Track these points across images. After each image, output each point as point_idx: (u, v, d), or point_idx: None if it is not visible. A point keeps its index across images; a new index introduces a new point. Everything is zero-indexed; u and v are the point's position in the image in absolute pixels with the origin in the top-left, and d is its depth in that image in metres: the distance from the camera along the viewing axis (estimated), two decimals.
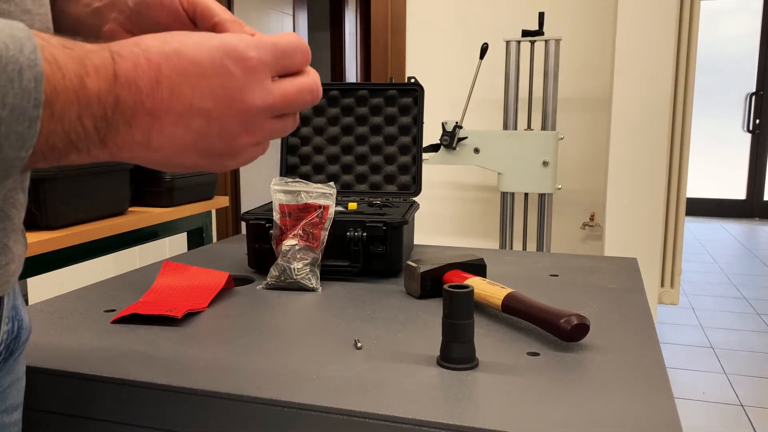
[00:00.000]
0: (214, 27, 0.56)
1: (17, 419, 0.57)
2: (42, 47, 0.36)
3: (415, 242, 2.12)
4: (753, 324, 3.32)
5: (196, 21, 0.57)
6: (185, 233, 2.20)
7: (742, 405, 2.41)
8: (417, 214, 2.97)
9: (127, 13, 0.58)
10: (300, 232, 0.99)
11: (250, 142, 0.46)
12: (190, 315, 0.86)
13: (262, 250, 1.06)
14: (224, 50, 0.43)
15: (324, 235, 0.99)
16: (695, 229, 5.84)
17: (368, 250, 1.05)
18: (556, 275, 1.07)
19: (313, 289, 0.98)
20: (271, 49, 0.45)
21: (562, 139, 2.44)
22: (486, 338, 0.77)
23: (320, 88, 0.48)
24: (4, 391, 0.54)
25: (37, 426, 0.68)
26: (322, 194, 1.00)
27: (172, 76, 0.41)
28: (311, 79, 0.48)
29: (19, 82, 0.34)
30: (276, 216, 1.00)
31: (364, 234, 1.03)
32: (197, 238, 2.18)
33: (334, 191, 1.00)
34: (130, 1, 0.57)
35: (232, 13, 3.42)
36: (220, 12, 0.56)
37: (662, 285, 2.69)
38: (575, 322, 0.72)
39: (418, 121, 1.27)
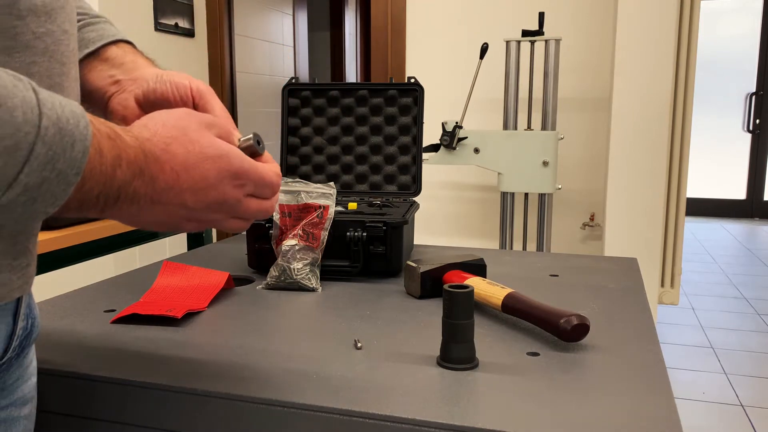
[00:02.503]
0: None
1: (28, 414, 0.58)
2: (93, 134, 0.43)
3: (415, 242, 2.12)
4: (753, 324, 3.32)
5: (197, 108, 0.67)
6: (185, 233, 2.20)
7: (742, 405, 2.41)
8: (417, 214, 2.97)
9: (145, 88, 0.67)
10: (300, 232, 0.99)
11: (213, 226, 0.57)
12: (190, 315, 0.86)
13: (262, 250, 1.06)
14: (232, 173, 0.54)
15: (324, 235, 0.99)
16: (695, 229, 5.84)
17: (368, 250, 1.05)
18: (556, 275, 1.07)
19: (313, 289, 0.98)
20: (258, 179, 0.56)
21: (562, 139, 2.45)
22: (486, 338, 0.77)
23: (272, 211, 0.60)
24: (14, 384, 0.56)
25: (37, 426, 0.68)
26: (322, 194, 1.00)
27: (183, 185, 0.51)
28: (270, 204, 0.59)
29: (71, 152, 0.41)
30: (276, 216, 1.00)
31: (364, 234, 1.03)
32: (197, 238, 2.18)
33: (334, 191, 1.00)
34: (150, 81, 0.67)
35: (232, 12, 3.42)
36: (218, 111, 0.67)
37: (662, 285, 2.69)
38: (575, 322, 0.72)
39: (418, 121, 1.27)
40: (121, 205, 0.48)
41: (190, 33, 3.13)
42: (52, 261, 1.54)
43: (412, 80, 1.27)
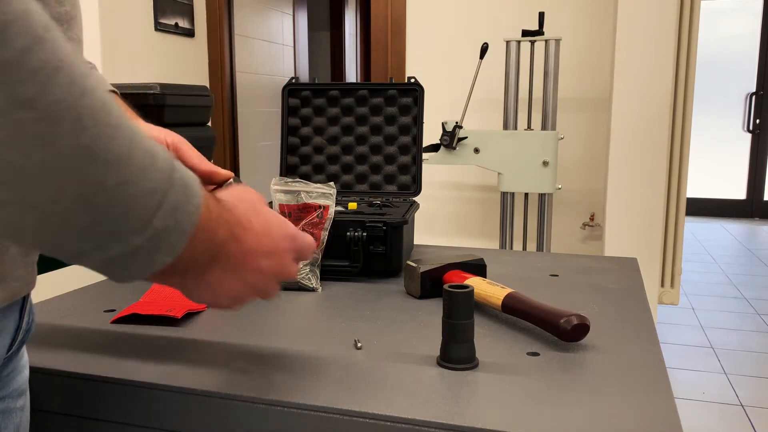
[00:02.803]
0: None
1: (23, 405, 0.60)
2: (203, 193, 0.48)
3: (415, 242, 2.12)
4: (753, 324, 3.32)
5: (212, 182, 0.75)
6: None
7: (742, 405, 2.41)
8: (417, 214, 2.97)
9: None
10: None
11: (263, 296, 0.60)
12: (190, 315, 0.86)
13: None
14: (291, 236, 0.60)
15: (324, 235, 0.99)
16: (695, 229, 5.84)
17: (368, 250, 1.05)
18: (556, 275, 1.07)
19: (313, 289, 0.98)
20: (307, 242, 0.62)
21: (562, 139, 2.45)
22: (486, 338, 0.77)
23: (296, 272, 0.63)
24: (9, 375, 0.58)
25: (37, 426, 0.68)
26: (322, 194, 1.00)
27: (262, 249, 0.56)
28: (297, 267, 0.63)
29: (189, 205, 0.45)
30: None
31: (364, 234, 1.03)
32: None
33: (334, 191, 1.00)
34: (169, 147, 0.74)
35: (232, 12, 3.42)
36: (196, 160, 0.74)
37: (662, 285, 2.69)
38: (575, 322, 0.72)
39: (418, 121, 1.27)
40: (214, 267, 0.51)
41: (190, 33, 3.13)
42: (52, 261, 1.54)
43: (412, 80, 1.27)
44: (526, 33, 2.42)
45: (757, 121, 6.25)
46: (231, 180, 0.74)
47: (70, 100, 0.36)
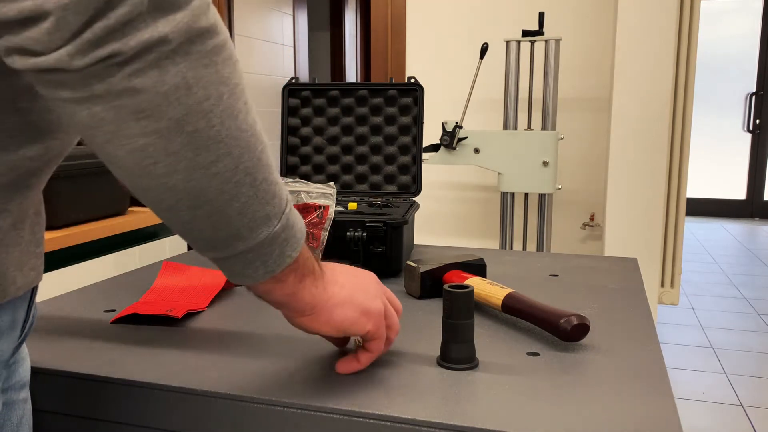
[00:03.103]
0: None
1: (25, 398, 0.61)
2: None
3: (415, 242, 2.12)
4: (753, 324, 3.32)
5: None
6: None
7: (742, 405, 2.41)
8: (417, 214, 2.97)
9: None
10: None
11: (375, 336, 0.66)
12: (190, 315, 0.86)
13: None
14: (381, 286, 0.67)
15: (324, 235, 0.99)
16: (695, 229, 5.84)
17: (368, 250, 1.05)
18: (556, 275, 1.07)
19: None
20: (391, 296, 0.69)
21: (562, 139, 2.45)
22: (486, 338, 0.77)
23: (392, 340, 0.69)
24: (12, 367, 0.59)
25: (37, 426, 0.68)
26: (322, 194, 1.00)
27: (348, 283, 0.62)
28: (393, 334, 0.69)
29: (294, 235, 0.54)
30: None
31: (364, 234, 1.03)
32: None
33: (334, 191, 1.00)
34: None
35: (232, 12, 3.42)
36: None
37: (662, 285, 2.68)
38: (575, 322, 0.72)
39: (418, 121, 1.27)
40: (326, 277, 0.60)
41: None
42: (52, 261, 1.54)
43: (412, 80, 1.27)
44: (526, 33, 2.42)
45: (757, 121, 6.25)
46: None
47: (243, 87, 0.47)
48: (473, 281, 0.89)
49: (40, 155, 0.51)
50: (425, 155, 2.40)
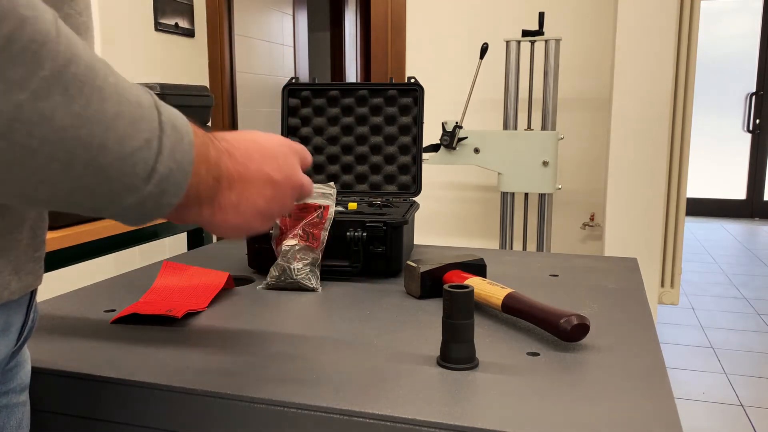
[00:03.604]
0: None
1: (25, 400, 0.61)
2: (191, 126, 0.50)
3: (415, 242, 2.12)
4: (753, 324, 3.32)
5: None
6: (185, 233, 2.19)
7: (742, 405, 2.41)
8: (417, 214, 2.97)
9: None
10: (300, 232, 0.99)
11: (288, 207, 0.61)
12: (190, 315, 0.86)
13: (262, 250, 1.06)
14: (283, 142, 0.61)
15: (324, 235, 0.99)
16: (695, 229, 5.84)
17: (368, 250, 1.05)
18: (556, 275, 1.07)
19: (313, 289, 0.98)
20: (300, 146, 0.64)
21: (562, 139, 2.45)
22: (486, 338, 0.77)
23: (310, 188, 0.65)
24: (13, 371, 0.58)
25: (37, 426, 0.68)
26: (322, 194, 1.00)
27: (254, 155, 0.56)
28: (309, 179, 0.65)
29: (182, 144, 0.47)
30: None
31: (364, 234, 1.03)
32: (197, 238, 2.18)
33: (334, 191, 1.00)
34: None
35: (232, 12, 3.42)
36: None
37: (662, 285, 2.69)
38: (575, 322, 0.72)
39: (418, 121, 1.27)
40: (221, 189, 0.53)
41: (190, 33, 3.13)
42: (52, 261, 1.54)
43: (412, 80, 1.27)
44: (526, 33, 2.42)
45: (757, 121, 6.25)
46: None
47: (56, 73, 0.38)
48: (473, 281, 0.89)
49: None
50: (425, 155, 2.40)
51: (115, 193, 0.44)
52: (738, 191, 6.42)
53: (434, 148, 2.41)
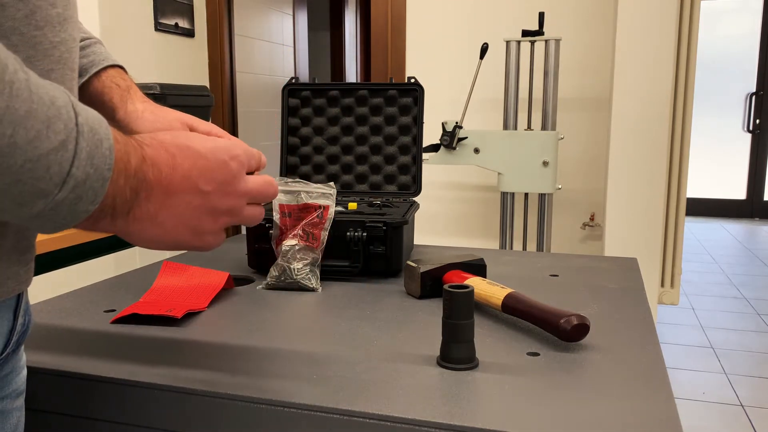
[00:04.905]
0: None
1: (20, 405, 0.60)
2: (112, 132, 0.46)
3: (415, 242, 2.12)
4: (753, 324, 3.32)
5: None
6: None
7: (742, 405, 2.41)
8: (417, 214, 2.97)
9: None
10: (300, 232, 0.99)
11: (229, 221, 0.57)
12: (190, 315, 0.86)
13: (262, 250, 1.06)
14: (222, 148, 0.55)
15: (324, 235, 0.99)
16: (695, 229, 5.84)
17: (368, 250, 1.05)
18: (556, 275, 1.07)
19: (313, 289, 0.98)
20: (246, 151, 0.58)
21: (562, 139, 2.45)
22: (486, 338, 0.77)
23: (275, 185, 0.61)
24: (8, 377, 0.57)
25: (37, 426, 0.68)
26: (322, 194, 1.00)
27: (184, 163, 0.52)
28: (268, 177, 0.61)
29: (101, 148, 0.44)
30: (276, 216, 1.00)
31: (364, 234, 1.03)
32: None
33: (334, 191, 1.00)
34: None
35: (232, 12, 3.42)
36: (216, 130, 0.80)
37: (662, 285, 2.68)
38: (575, 323, 0.72)
39: (418, 121, 1.27)
40: (141, 202, 0.49)
41: (190, 33, 3.13)
42: (52, 261, 1.54)
43: (412, 80, 1.27)
44: (526, 33, 2.42)
45: (757, 121, 6.25)
46: None
47: None
48: (473, 281, 0.89)
49: None
50: (425, 155, 2.40)
51: (24, 197, 0.40)
52: (738, 191, 6.42)
53: (434, 148, 2.41)
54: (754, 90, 6.23)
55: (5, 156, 0.38)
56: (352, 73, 5.76)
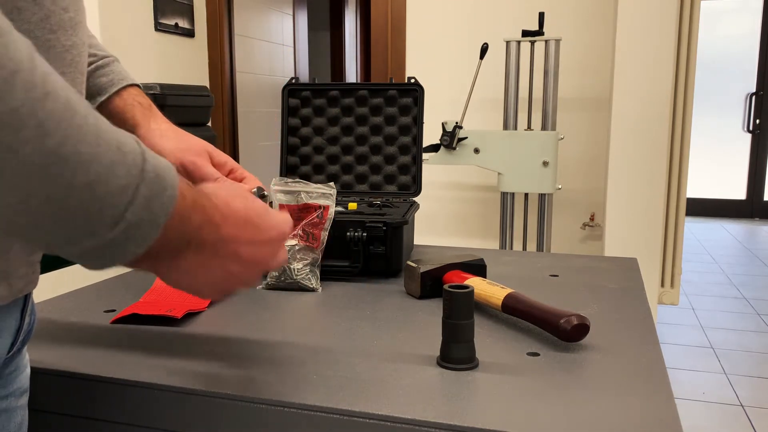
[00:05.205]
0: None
1: (24, 404, 0.61)
2: (179, 184, 0.47)
3: (415, 242, 2.12)
4: (753, 324, 3.32)
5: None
6: None
7: (742, 405, 2.41)
8: (417, 214, 2.97)
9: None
10: (300, 232, 0.99)
11: (249, 285, 0.58)
12: (190, 315, 0.86)
13: None
14: (276, 224, 0.57)
15: (324, 235, 0.99)
16: (695, 229, 5.84)
17: (368, 250, 1.05)
18: (556, 275, 1.07)
19: (313, 289, 0.98)
20: (288, 221, 0.60)
21: (562, 139, 2.45)
22: (486, 338, 0.77)
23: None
24: (12, 374, 0.58)
25: (37, 426, 0.68)
26: (322, 194, 1.00)
27: (243, 237, 0.53)
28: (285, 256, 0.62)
29: (163, 197, 0.44)
30: None
31: (364, 234, 1.03)
32: None
33: (334, 191, 1.00)
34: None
35: (232, 12, 3.42)
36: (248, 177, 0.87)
37: (662, 285, 2.69)
38: (575, 323, 0.72)
39: (418, 121, 1.27)
40: (187, 252, 0.50)
41: (190, 33, 3.13)
42: (52, 261, 1.54)
43: (412, 80, 1.27)
44: (526, 33, 2.42)
45: (757, 121, 6.25)
46: (255, 189, 0.79)
47: (30, 106, 0.36)
48: (473, 281, 0.89)
49: None
50: (425, 155, 2.40)
51: (75, 236, 0.41)
52: (738, 191, 6.42)
53: (434, 148, 2.41)
54: (754, 90, 6.23)
55: (61, 198, 0.39)
56: (352, 73, 5.76)
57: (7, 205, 0.38)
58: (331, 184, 1.02)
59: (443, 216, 3.00)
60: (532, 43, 2.45)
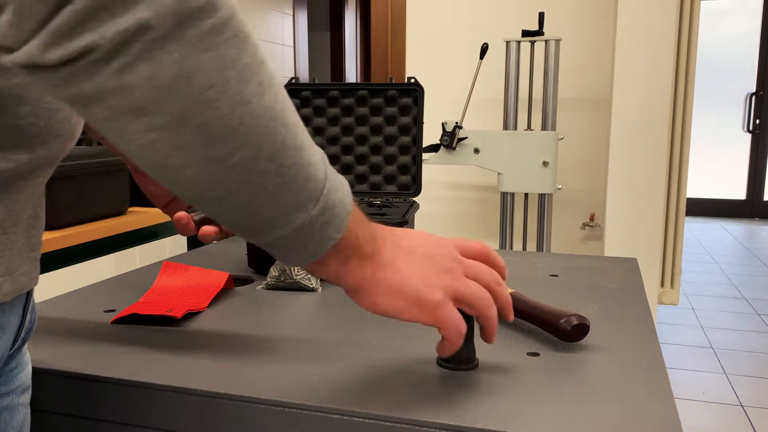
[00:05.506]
0: None
1: (26, 401, 0.61)
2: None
3: None
4: (753, 324, 3.32)
5: None
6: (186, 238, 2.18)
7: (742, 405, 2.41)
8: (417, 214, 2.97)
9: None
10: None
11: (452, 283, 0.57)
12: (190, 315, 0.86)
13: (262, 250, 1.06)
14: (448, 252, 0.58)
15: None
16: (695, 229, 5.84)
17: None
18: (556, 275, 1.07)
19: (313, 289, 0.98)
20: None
21: (562, 139, 2.45)
22: None
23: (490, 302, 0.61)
24: (13, 372, 0.58)
25: (36, 426, 0.68)
26: None
27: (409, 239, 0.56)
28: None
29: (342, 189, 0.49)
30: None
31: None
32: (197, 238, 2.17)
33: None
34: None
35: None
36: None
37: (662, 285, 2.69)
38: (575, 323, 0.72)
39: (418, 121, 1.27)
40: (380, 246, 0.53)
41: None
42: (52, 261, 1.54)
43: (412, 80, 1.27)
44: (526, 33, 2.42)
45: (757, 121, 6.25)
46: None
47: (255, 66, 0.41)
48: None
49: (26, 161, 0.50)
50: (425, 155, 2.40)
51: (288, 208, 0.45)
52: (738, 191, 6.42)
53: (434, 148, 2.41)
54: (754, 90, 6.23)
55: (279, 153, 0.43)
56: (352, 73, 5.76)
57: (241, 161, 0.42)
58: None
59: (443, 216, 3.00)
60: (532, 43, 2.45)
